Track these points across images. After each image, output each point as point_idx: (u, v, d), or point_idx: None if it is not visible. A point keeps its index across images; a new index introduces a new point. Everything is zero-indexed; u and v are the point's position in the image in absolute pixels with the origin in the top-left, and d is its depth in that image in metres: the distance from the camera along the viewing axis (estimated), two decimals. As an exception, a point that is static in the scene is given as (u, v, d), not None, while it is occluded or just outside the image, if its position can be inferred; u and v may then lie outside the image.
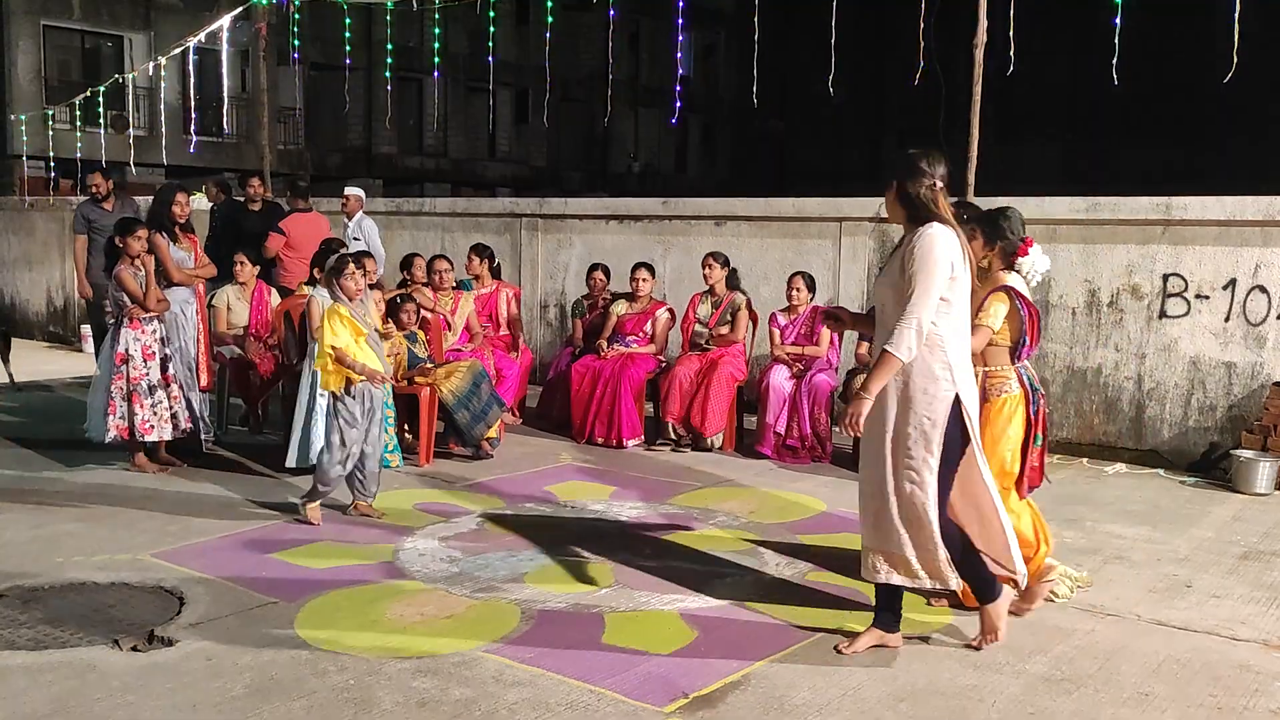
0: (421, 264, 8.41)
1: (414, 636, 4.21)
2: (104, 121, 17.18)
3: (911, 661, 4.08)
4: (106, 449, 6.82)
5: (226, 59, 14.23)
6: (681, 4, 10.23)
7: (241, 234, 9.66)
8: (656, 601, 4.64)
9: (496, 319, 8.69)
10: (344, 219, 10.39)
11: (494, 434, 7.40)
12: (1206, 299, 7.37)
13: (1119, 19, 7.30)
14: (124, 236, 6.59)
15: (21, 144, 19.16)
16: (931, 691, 3.82)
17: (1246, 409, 7.25)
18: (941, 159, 4.00)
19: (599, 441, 7.91)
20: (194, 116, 15.71)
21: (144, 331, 6.63)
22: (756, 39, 9.23)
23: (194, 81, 15.21)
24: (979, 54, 7.88)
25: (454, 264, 8.50)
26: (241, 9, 13.83)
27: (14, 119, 21.77)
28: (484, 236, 10.47)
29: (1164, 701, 3.78)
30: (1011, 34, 7.56)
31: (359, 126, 31.62)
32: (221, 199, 10.75)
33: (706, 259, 8.16)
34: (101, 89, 15.54)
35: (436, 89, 31.77)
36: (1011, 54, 7.53)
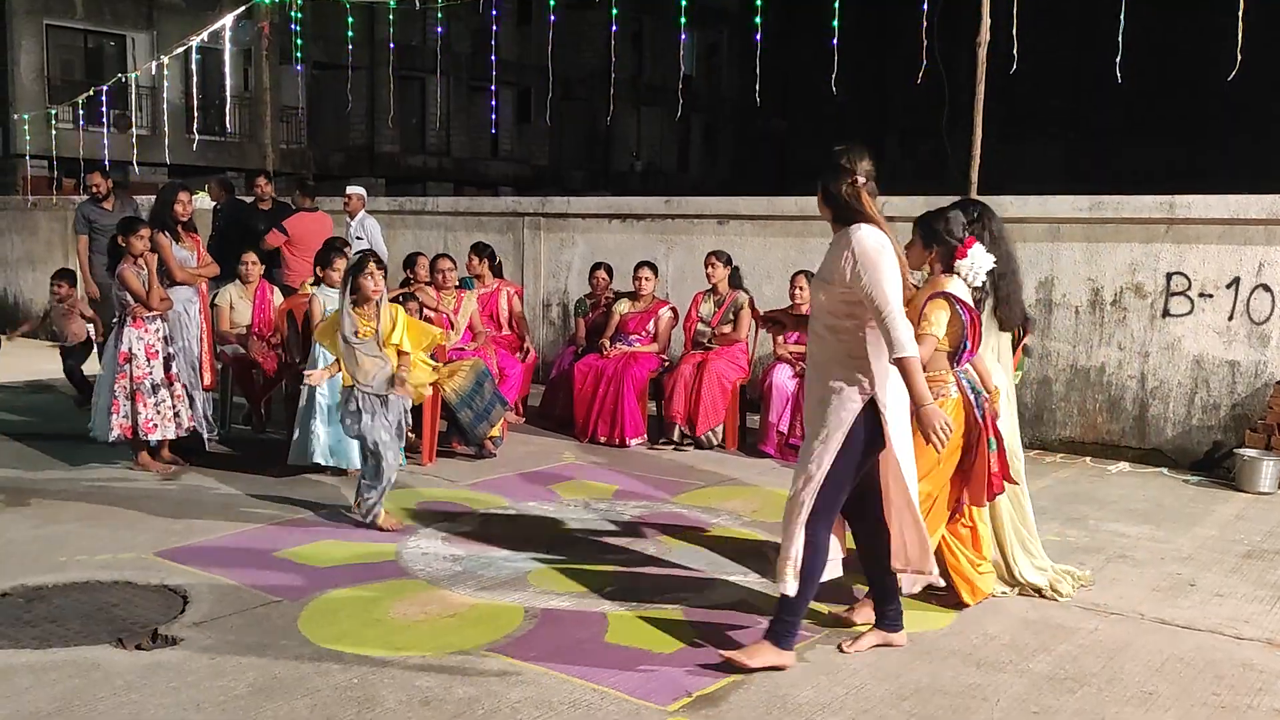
0: (424, 263, 8.42)
1: (417, 635, 4.21)
2: (107, 121, 17.18)
3: (914, 660, 4.07)
4: (110, 448, 6.83)
5: (229, 58, 14.25)
6: (684, 3, 10.21)
7: (249, 233, 9.65)
8: (660, 600, 4.64)
9: (497, 318, 8.69)
10: (346, 218, 10.40)
11: (497, 433, 7.40)
12: (1210, 298, 7.36)
13: (1122, 17, 7.30)
14: (127, 236, 6.60)
15: (24, 143, 19.19)
16: (935, 690, 3.82)
17: (1250, 408, 7.25)
18: (865, 155, 3.88)
19: (602, 441, 7.92)
20: (197, 116, 15.71)
21: (147, 330, 6.64)
22: (759, 38, 9.22)
23: (197, 81, 15.24)
24: (982, 53, 7.88)
25: (457, 263, 8.50)
26: (244, 8, 13.85)
27: (17, 118, 21.81)
28: (486, 236, 10.47)
29: (1167, 700, 3.78)
30: (1014, 33, 7.56)
31: (361, 125, 31.64)
32: (224, 198, 10.75)
33: (709, 258, 8.16)
34: (104, 88, 15.56)
35: (439, 88, 31.82)
36: (1014, 52, 7.52)
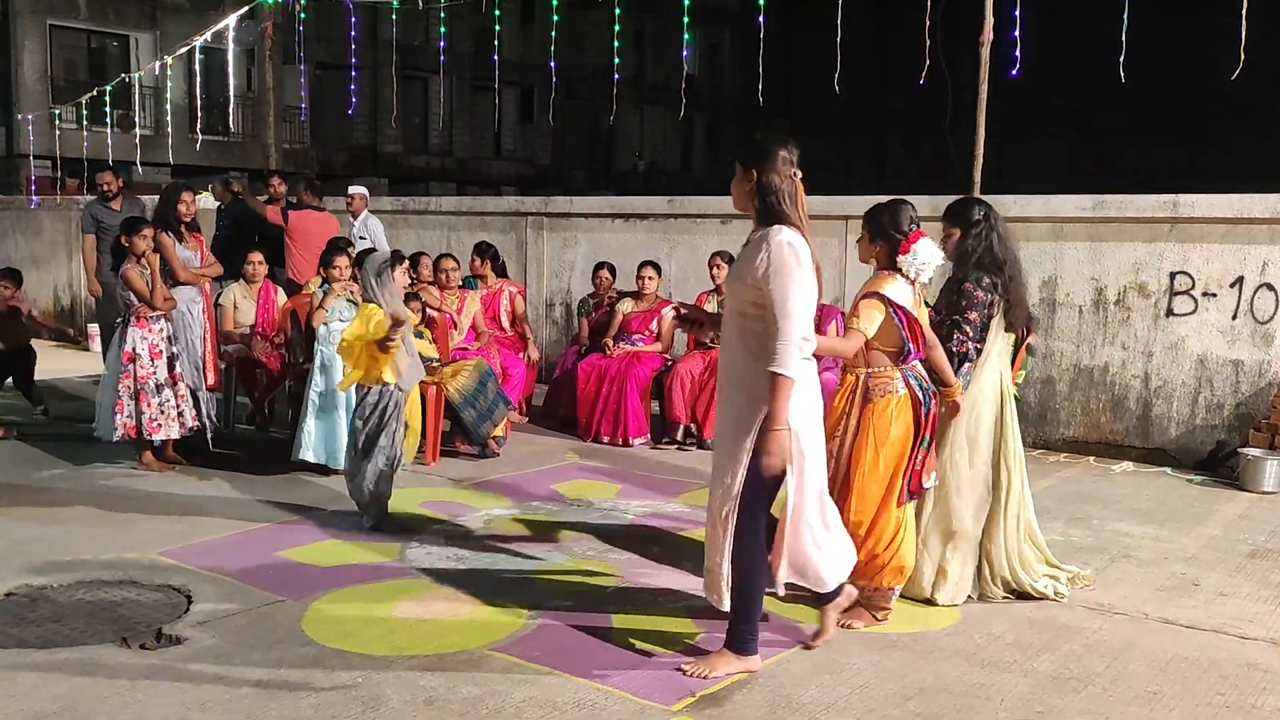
0: (427, 263, 8.42)
1: (421, 635, 4.21)
2: (110, 121, 17.20)
3: (919, 660, 4.07)
4: (114, 447, 6.85)
5: (232, 58, 14.29)
6: (686, 2, 10.22)
7: (261, 233, 9.63)
8: (663, 600, 4.64)
9: (499, 318, 8.68)
10: (349, 218, 10.40)
11: (500, 432, 7.40)
12: (1214, 297, 7.35)
13: (1125, 17, 7.29)
14: (129, 236, 6.61)
15: (28, 143, 19.22)
16: (939, 690, 3.82)
17: (1254, 407, 7.24)
18: (798, 147, 3.75)
19: (605, 440, 7.92)
20: (200, 116, 15.70)
21: (151, 330, 6.64)
22: (761, 37, 9.22)
23: (200, 81, 15.25)
24: (985, 52, 7.88)
25: (460, 263, 8.50)
26: (247, 8, 13.87)
27: (20, 118, 21.85)
28: (489, 235, 10.47)
29: (1172, 700, 3.78)
30: (1018, 32, 7.55)
31: (364, 125, 31.67)
32: (228, 198, 10.75)
33: (714, 258, 8.15)
34: (108, 88, 15.58)
35: (442, 88, 31.84)
36: (1017, 52, 7.52)
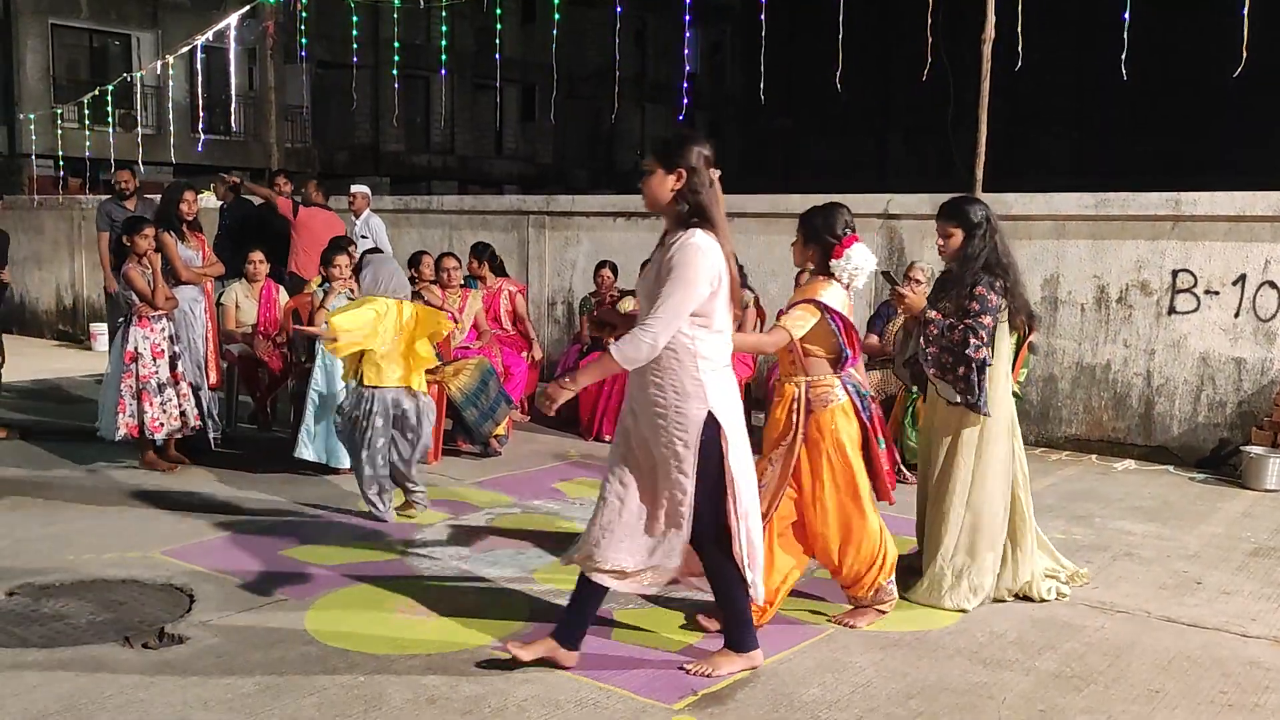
0: (429, 262, 8.42)
1: (423, 634, 4.21)
2: (112, 120, 17.21)
3: (921, 658, 4.07)
4: (117, 447, 6.85)
5: (234, 58, 14.29)
6: (688, 0, 10.21)
7: (265, 231, 9.63)
8: (665, 598, 4.64)
9: (499, 317, 8.67)
10: (351, 216, 10.41)
11: (502, 431, 7.40)
12: (1216, 295, 7.35)
13: (1126, 14, 7.28)
14: (131, 235, 6.62)
15: (30, 143, 19.23)
16: (941, 688, 3.82)
17: (1256, 405, 7.23)
18: (713, 145, 3.66)
19: (607, 439, 7.91)
20: (202, 115, 15.70)
21: (153, 330, 6.65)
22: (763, 35, 9.22)
23: (202, 80, 15.21)
24: (987, 49, 7.87)
25: (462, 262, 8.50)
26: (249, 7, 13.87)
27: (22, 118, 21.86)
28: (491, 234, 10.47)
29: (1174, 698, 3.78)
30: (1019, 29, 7.54)
31: (366, 124, 31.67)
32: (230, 198, 10.76)
33: (715, 256, 8.13)
34: (109, 88, 15.58)
35: (443, 86, 31.82)
36: (1019, 50, 7.51)
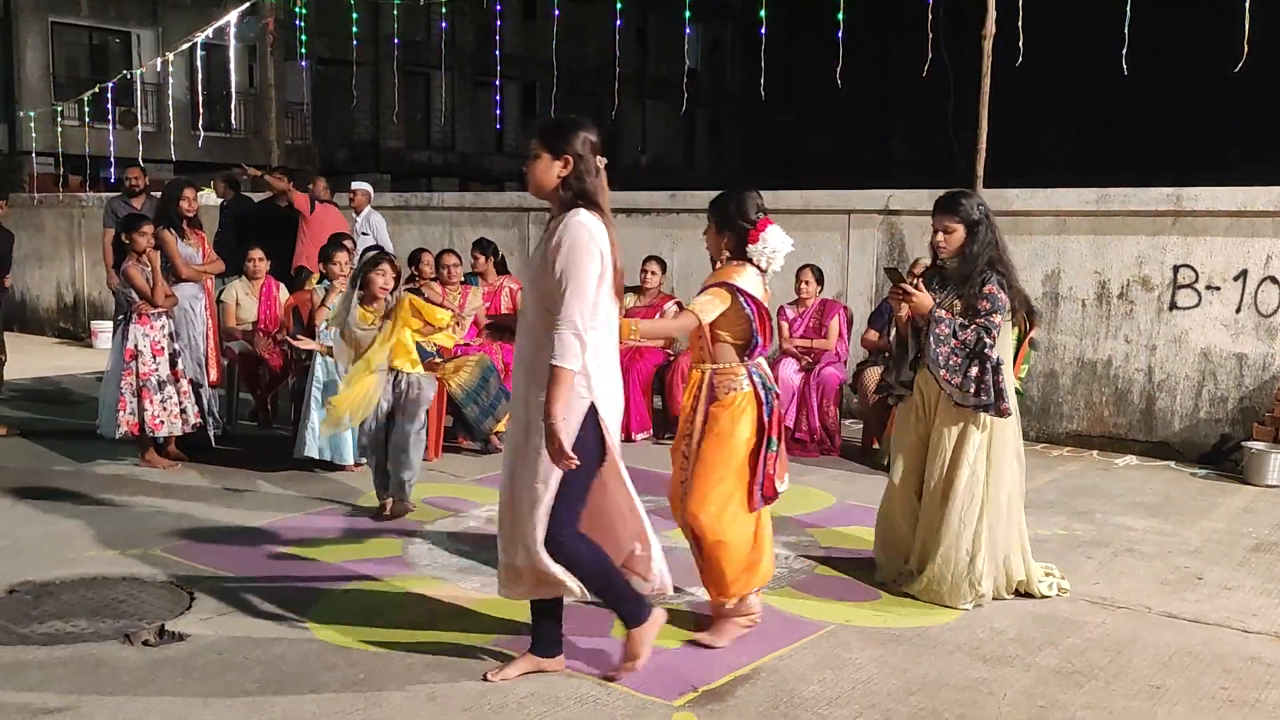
0: (429, 259, 8.41)
1: (423, 630, 4.21)
2: (112, 118, 17.19)
3: (921, 654, 4.07)
4: (117, 445, 6.85)
5: (234, 55, 14.26)
6: (688, -3, 10.20)
7: (265, 230, 9.63)
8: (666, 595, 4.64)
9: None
10: (352, 213, 10.40)
11: (503, 428, 7.37)
12: (1217, 290, 7.34)
13: (1128, 9, 7.27)
14: (130, 233, 6.62)
15: (30, 141, 19.22)
16: (941, 684, 3.81)
17: (1258, 400, 7.22)
18: (600, 132, 3.56)
19: (608, 435, 7.89)
20: (202, 112, 15.70)
21: (153, 327, 6.65)
22: (763, 32, 9.20)
23: (202, 77, 15.21)
24: (987, 45, 7.86)
25: (462, 259, 8.49)
26: (248, 4, 13.84)
27: (23, 116, 21.85)
28: (491, 230, 10.45)
29: (1175, 694, 3.77)
30: (1020, 24, 7.53)
31: (366, 121, 31.66)
32: (230, 195, 10.75)
33: (717, 253, 8.12)
34: (110, 85, 15.57)
35: (443, 83, 31.81)
36: (1020, 45, 7.50)
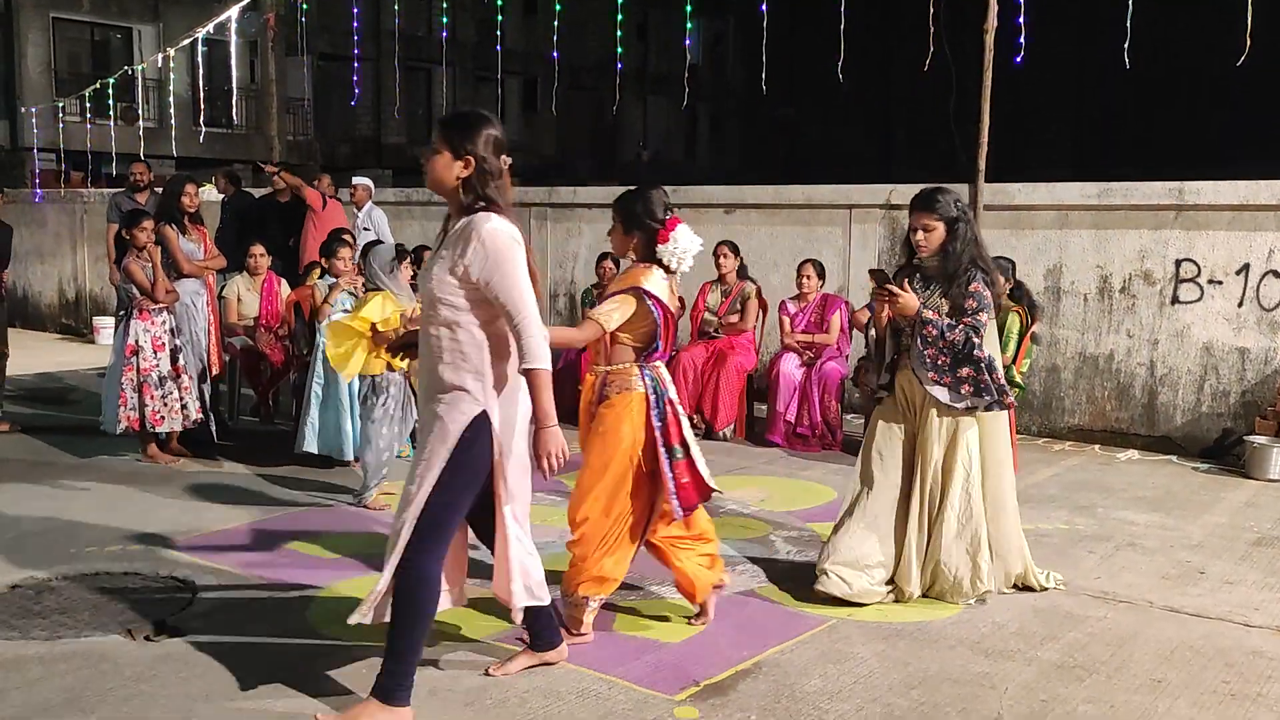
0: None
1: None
2: (114, 114, 17.20)
3: (923, 649, 4.07)
4: (119, 440, 6.86)
5: (235, 50, 14.23)
6: (690, -8, 10.18)
7: (266, 225, 9.62)
8: (667, 590, 4.63)
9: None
10: (353, 209, 10.39)
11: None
12: (1220, 284, 7.33)
13: (1130, 3, 7.24)
14: (130, 229, 6.62)
15: (32, 136, 19.21)
16: (943, 679, 3.81)
17: (1260, 394, 7.21)
18: (503, 129, 3.43)
19: (609, 430, 7.89)
20: (203, 108, 15.69)
21: (153, 323, 6.65)
22: (765, 27, 9.18)
23: (203, 73, 15.20)
24: (989, 39, 7.84)
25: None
26: (249, 0, 13.82)
27: (24, 111, 21.85)
28: (493, 226, 10.43)
29: (1177, 688, 3.77)
30: (1022, 19, 7.51)
31: (368, 117, 31.64)
32: (231, 191, 10.75)
33: (720, 248, 8.13)
34: (111, 81, 15.56)
35: (445, 78, 31.76)
36: (1022, 40, 7.48)
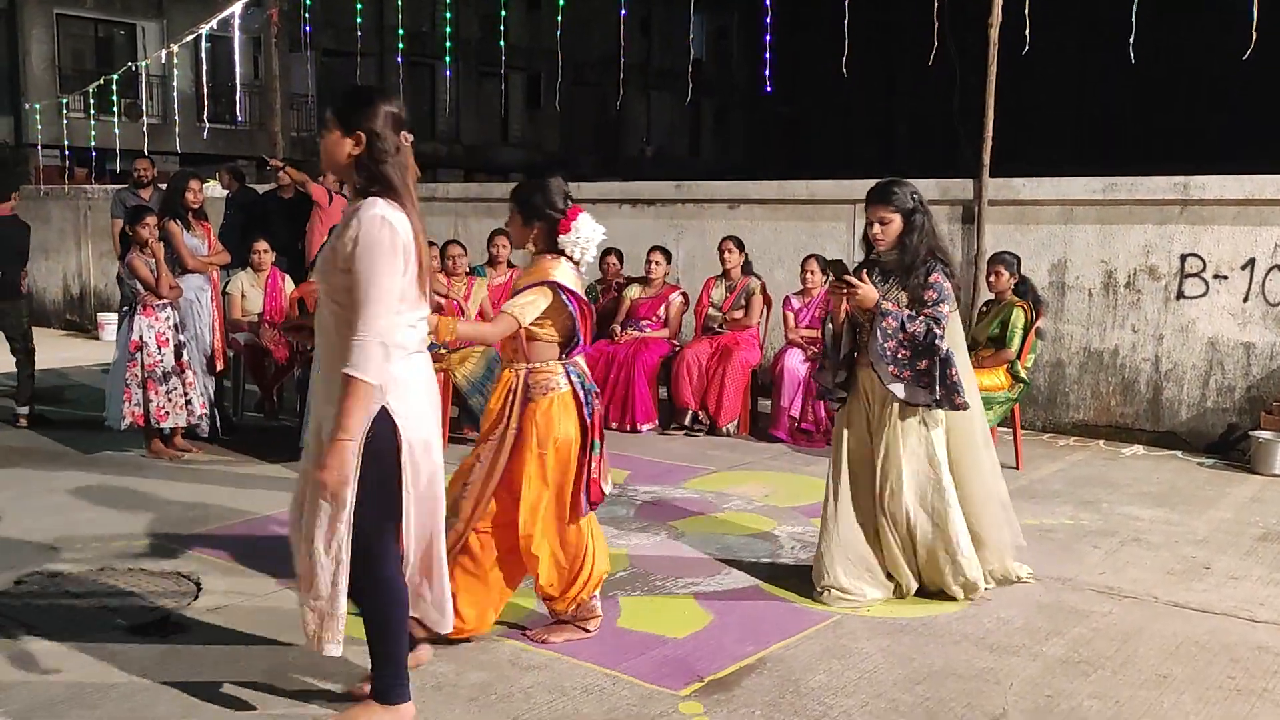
0: (434, 250, 8.41)
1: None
2: (118, 110, 17.22)
3: (927, 644, 4.07)
4: (123, 436, 6.87)
5: (239, 46, 14.22)
6: (693, -14, 10.16)
7: (270, 221, 9.62)
8: (672, 585, 4.64)
9: (508, 307, 8.64)
10: (356, 204, 10.39)
11: (508, 418, 7.38)
12: (1225, 279, 7.31)
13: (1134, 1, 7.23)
14: (133, 225, 6.63)
15: (36, 133, 19.23)
16: (947, 674, 3.81)
17: (1265, 390, 7.20)
18: (403, 105, 3.23)
19: (613, 426, 7.90)
20: (207, 104, 15.71)
21: (158, 319, 6.66)
22: (769, 21, 9.16)
23: (207, 69, 15.21)
24: (994, 34, 7.83)
25: (467, 249, 8.49)
26: (252, -5, 13.82)
27: (29, 108, 21.87)
28: (497, 222, 10.40)
29: (1182, 683, 3.77)
30: (1026, 14, 7.50)
31: (371, 113, 31.61)
32: (235, 187, 10.75)
33: (725, 243, 8.12)
34: (115, 77, 15.57)
35: (448, 74, 31.76)
36: (1026, 34, 7.46)
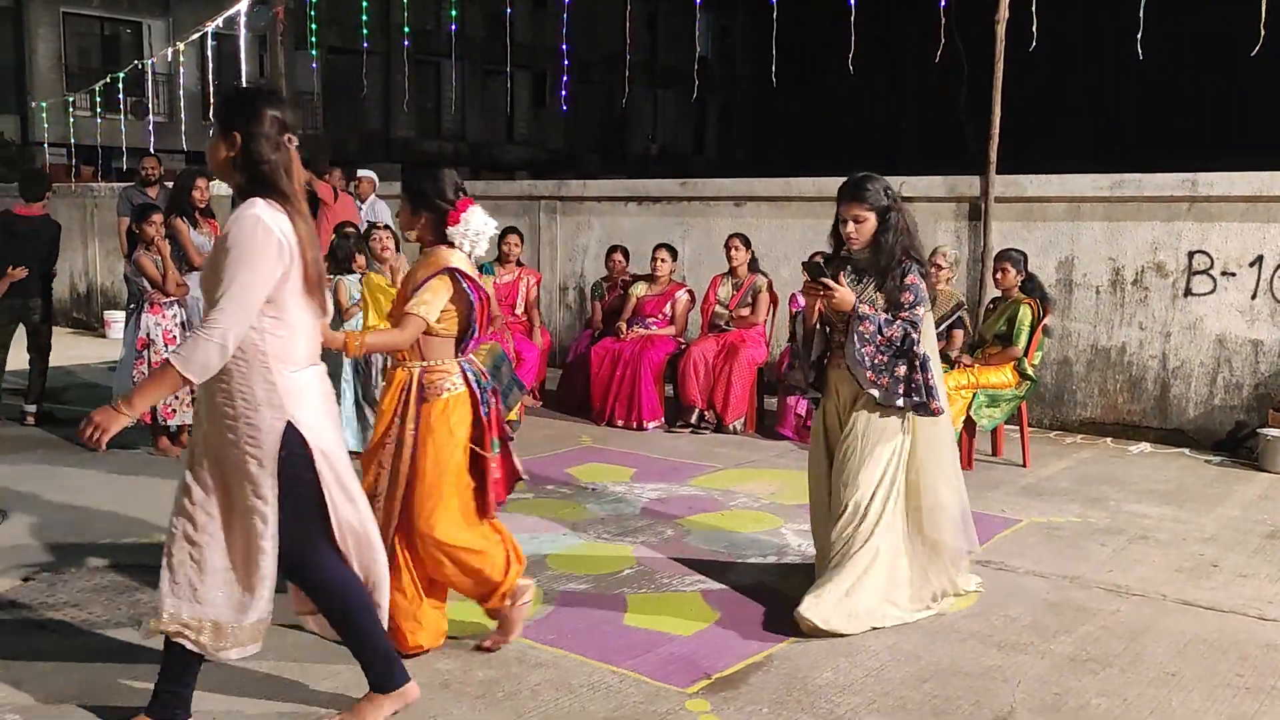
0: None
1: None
2: (124, 108, 17.23)
3: (935, 642, 4.06)
4: (130, 433, 6.83)
5: (244, 44, 14.24)
6: (699, -17, 10.15)
7: None
8: (678, 583, 4.64)
9: (515, 306, 8.64)
10: (358, 201, 10.40)
11: (514, 417, 7.39)
12: (1233, 276, 7.28)
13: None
14: (139, 223, 6.65)
15: (43, 131, 19.30)
16: (955, 672, 3.80)
17: (1273, 387, 7.18)
18: (288, 105, 3.16)
19: (619, 424, 7.91)
20: (212, 102, 15.75)
21: (164, 316, 6.67)
22: (774, 18, 9.15)
23: (212, 67, 15.26)
24: (1000, 29, 7.81)
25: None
26: (258, -7, 13.82)
27: (35, 106, 21.93)
28: (503, 219, 10.35)
29: (1191, 681, 3.75)
30: (1033, 10, 7.48)
31: (377, 111, 31.68)
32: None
33: (731, 240, 8.11)
34: (121, 75, 15.60)
35: (454, 72, 31.79)
36: (1033, 30, 7.45)
